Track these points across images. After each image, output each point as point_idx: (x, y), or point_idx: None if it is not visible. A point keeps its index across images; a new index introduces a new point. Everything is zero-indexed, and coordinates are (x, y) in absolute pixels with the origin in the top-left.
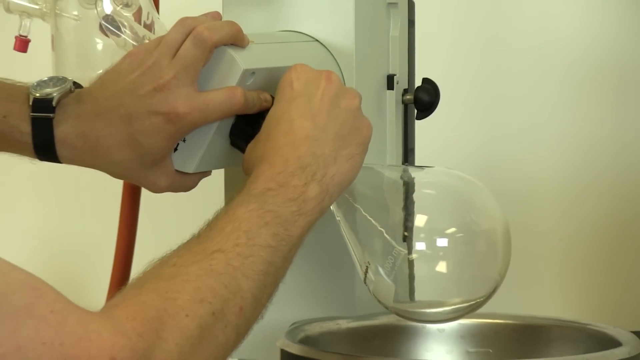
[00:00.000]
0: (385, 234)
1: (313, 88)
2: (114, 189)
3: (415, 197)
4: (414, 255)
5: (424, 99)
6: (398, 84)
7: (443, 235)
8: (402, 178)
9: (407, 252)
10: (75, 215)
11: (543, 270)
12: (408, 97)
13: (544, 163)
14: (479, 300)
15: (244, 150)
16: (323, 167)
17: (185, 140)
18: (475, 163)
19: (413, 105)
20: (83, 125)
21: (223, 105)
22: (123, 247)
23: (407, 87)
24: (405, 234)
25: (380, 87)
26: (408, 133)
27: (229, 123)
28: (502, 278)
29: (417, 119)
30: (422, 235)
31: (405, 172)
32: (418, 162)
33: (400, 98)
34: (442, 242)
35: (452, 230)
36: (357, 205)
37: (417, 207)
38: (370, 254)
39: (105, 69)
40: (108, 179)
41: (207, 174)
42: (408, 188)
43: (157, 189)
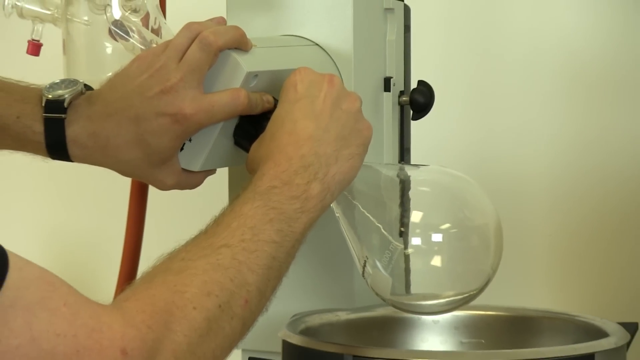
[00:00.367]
0: (383, 230)
1: (316, 90)
2: (123, 187)
3: (411, 194)
4: (410, 250)
5: (419, 101)
6: (394, 86)
7: (438, 231)
8: (398, 176)
9: (403, 246)
10: (86, 212)
11: (533, 264)
12: (404, 98)
13: (534, 161)
14: (472, 293)
15: (248, 150)
16: (325, 166)
17: (191, 140)
18: (468, 161)
19: (409, 107)
20: (93, 126)
21: (227, 106)
22: (131, 241)
23: (403, 89)
24: (402, 230)
25: (378, 89)
26: (404, 133)
27: (233, 123)
28: (494, 271)
29: (412, 120)
30: (417, 231)
31: (402, 170)
32: (413, 160)
33: (397, 99)
34: (436, 237)
35: (446, 226)
36: (355, 202)
37: (412, 203)
38: (368, 249)
39: (115, 72)
40: (117, 177)
41: (212, 172)
42: (404, 186)
43: (164, 187)
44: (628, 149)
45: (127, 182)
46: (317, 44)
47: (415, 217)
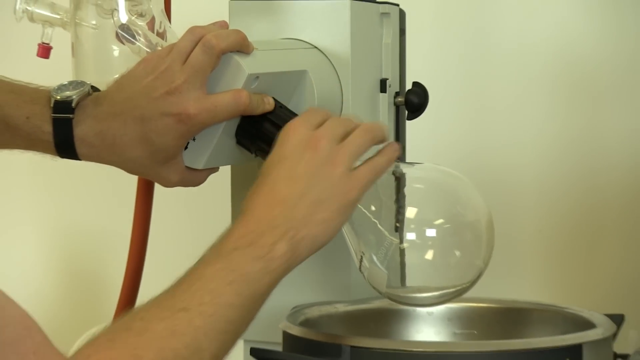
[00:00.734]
0: (379, 225)
1: (299, 153)
2: (129, 184)
3: (406, 191)
4: (405, 245)
5: (414, 101)
6: (390, 87)
7: (432, 226)
8: (394, 174)
9: (398, 241)
10: (94, 208)
11: (524, 259)
12: (399, 99)
13: (524, 160)
14: (465, 286)
15: (249, 149)
16: (294, 228)
17: (195, 139)
18: (461, 160)
19: (404, 107)
20: (100, 125)
21: (230, 107)
22: (138, 236)
23: (398, 90)
24: (397, 225)
25: (374, 90)
26: (399, 132)
27: (235, 123)
28: (486, 265)
29: (407, 119)
30: (412, 226)
31: (397, 168)
32: (409, 158)
33: (393, 100)
34: (430, 232)
35: (440, 222)
36: None
37: (407, 200)
38: (365, 244)
39: (121, 74)
40: (124, 175)
41: (215, 170)
42: (399, 183)
43: (169, 184)
44: (613, 147)
45: (133, 179)
46: (316, 47)
47: (410, 213)
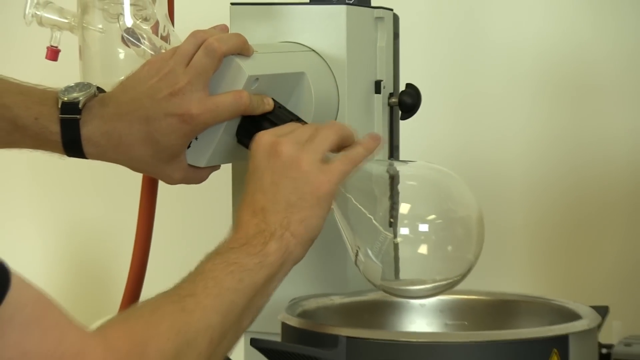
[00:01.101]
0: (374, 221)
1: (266, 162)
2: (134, 182)
3: (400, 188)
4: (399, 239)
5: (407, 102)
6: (384, 89)
7: (424, 222)
8: (388, 171)
9: (392, 236)
10: (101, 205)
11: (512, 252)
12: (393, 100)
13: (511, 158)
14: (456, 279)
15: (249, 147)
16: (278, 229)
17: (198, 139)
18: (453, 158)
19: (398, 107)
20: (106, 126)
21: (231, 107)
22: (142, 231)
23: (392, 91)
24: (391, 220)
25: (369, 91)
26: (393, 132)
27: (236, 123)
28: (476, 259)
29: (401, 119)
30: (405, 222)
31: (391, 166)
32: (402, 157)
33: (387, 101)
34: (423, 227)
35: (432, 217)
36: (348, 195)
37: (401, 196)
38: (361, 238)
39: (127, 76)
40: (129, 173)
41: (216, 168)
42: (393, 180)
43: (172, 181)
44: (596, 144)
45: (138, 177)
46: (313, 50)
47: (404, 209)
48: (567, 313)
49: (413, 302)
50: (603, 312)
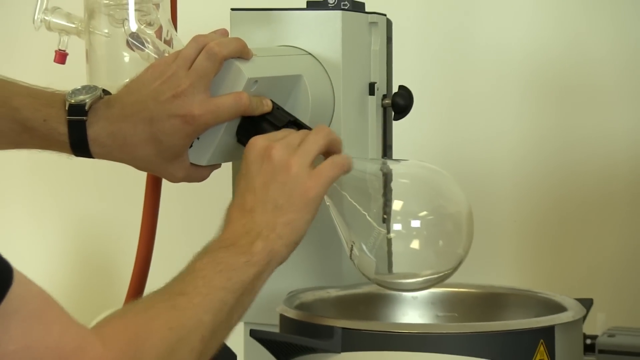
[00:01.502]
0: (368, 217)
1: (257, 165)
2: (139, 180)
3: (393, 185)
4: (392, 235)
5: (400, 103)
6: (378, 90)
7: (416, 218)
8: (381, 170)
9: (386, 231)
10: (107, 202)
11: (500, 247)
12: (387, 101)
13: (500, 156)
14: (447, 272)
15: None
16: (265, 230)
17: (199, 138)
18: (443, 156)
19: (391, 108)
20: (112, 127)
21: (231, 108)
22: (147, 227)
23: (385, 93)
24: (384, 217)
25: (363, 93)
26: (387, 132)
27: (236, 123)
28: (466, 253)
29: (394, 120)
30: (398, 218)
31: (384, 164)
32: (395, 156)
33: (380, 102)
34: (415, 223)
35: (423, 213)
36: (344, 193)
37: (394, 194)
38: (355, 234)
39: (131, 79)
40: (134, 172)
41: (217, 167)
42: (387, 178)
43: (175, 180)
44: (582, 142)
45: (142, 175)
46: (310, 54)
47: (397, 205)
48: (553, 305)
49: (405, 294)
50: (587, 304)
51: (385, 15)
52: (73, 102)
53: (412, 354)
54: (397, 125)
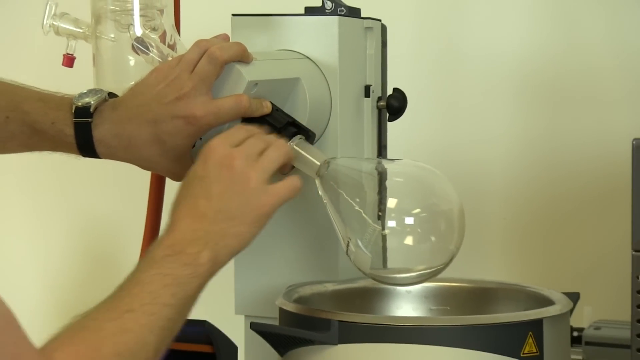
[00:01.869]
0: (363, 214)
1: (217, 172)
2: (144, 179)
3: (387, 184)
4: (387, 231)
5: (395, 105)
6: (373, 93)
7: (410, 215)
8: (376, 169)
9: (381, 228)
10: (113, 201)
11: (491, 243)
12: (381, 103)
13: (491, 157)
14: (439, 268)
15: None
16: (213, 240)
17: (202, 139)
18: (436, 156)
19: (386, 110)
20: (117, 128)
21: (232, 110)
22: (151, 225)
23: (380, 95)
24: (379, 214)
25: (359, 95)
26: (381, 132)
27: (237, 124)
28: (457, 249)
29: (388, 121)
30: (393, 215)
31: (379, 163)
32: (390, 155)
33: (375, 104)
34: (409, 220)
35: (417, 211)
36: (340, 191)
37: (389, 192)
38: (351, 230)
39: (136, 82)
40: (139, 171)
41: None
42: (381, 177)
43: (178, 179)
44: (569, 145)
45: (147, 175)
46: (308, 58)
47: (391, 203)
48: (541, 299)
49: (400, 288)
50: (574, 298)
51: (380, 21)
52: (79, 104)
53: (406, 346)
54: (391, 126)
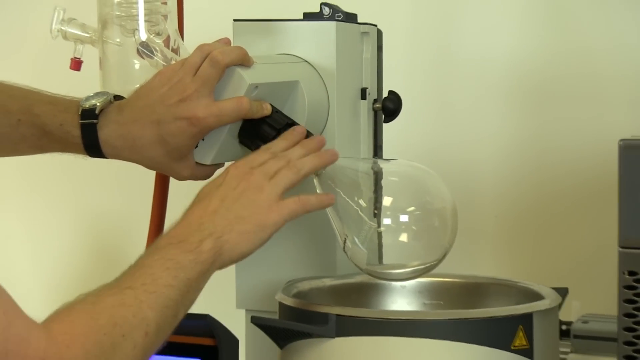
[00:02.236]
0: (360, 212)
1: (235, 182)
2: (148, 179)
3: (383, 183)
4: (382, 228)
5: (390, 107)
6: (369, 95)
7: (404, 213)
8: (372, 168)
9: (376, 226)
10: (118, 199)
11: (483, 240)
12: (377, 105)
13: (483, 157)
14: (433, 263)
15: (250, 147)
16: (218, 232)
17: (204, 139)
18: (430, 156)
19: (381, 112)
20: (122, 129)
21: (233, 112)
22: (155, 222)
23: (376, 97)
24: (375, 212)
25: (356, 97)
26: (377, 133)
27: (238, 125)
28: (450, 246)
29: (384, 122)
30: (388, 213)
31: (375, 163)
32: (385, 155)
33: (371, 106)
34: (403, 218)
35: (411, 209)
36: (337, 190)
37: (384, 190)
38: (348, 228)
39: (141, 84)
40: (144, 170)
41: (221, 165)
42: (377, 176)
43: (181, 178)
44: (558, 146)
45: (151, 174)
46: (306, 61)
47: (386, 201)
48: (531, 294)
49: (395, 284)
50: (563, 293)
51: (376, 26)
52: (85, 107)
53: (401, 339)
54: (387, 128)
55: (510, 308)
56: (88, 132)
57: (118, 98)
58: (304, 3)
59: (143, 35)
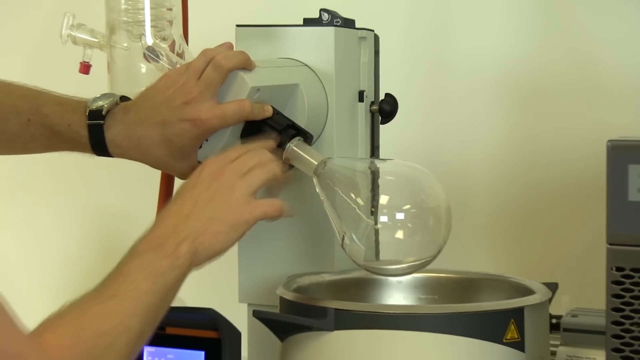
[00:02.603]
0: (357, 210)
1: (208, 182)
2: (154, 178)
3: (380, 182)
4: (379, 226)
5: (386, 109)
6: (367, 98)
7: (400, 211)
8: (370, 168)
9: (373, 223)
10: (125, 198)
11: (476, 237)
12: (374, 107)
13: (477, 158)
14: (428, 260)
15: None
16: (193, 235)
17: (207, 140)
18: (425, 156)
19: (378, 114)
20: (128, 130)
21: (236, 114)
22: None
23: (373, 99)
24: (372, 210)
25: (354, 100)
26: (374, 134)
27: (240, 127)
28: (444, 243)
29: (381, 124)
30: (384, 211)
31: (372, 163)
32: (382, 155)
33: (369, 108)
34: (400, 215)
35: (407, 207)
36: (336, 188)
37: (381, 189)
38: (346, 225)
39: (147, 87)
40: (149, 170)
41: None
42: (374, 175)
43: (185, 177)
44: (549, 148)
45: (157, 173)
46: (306, 65)
47: (383, 199)
48: (522, 289)
49: (391, 279)
50: (553, 288)
51: (373, 31)
52: (93, 108)
53: (397, 332)
54: (383, 129)
55: (503, 302)
56: (95, 132)
57: (124, 99)
58: (304, 9)
59: (149, 40)
